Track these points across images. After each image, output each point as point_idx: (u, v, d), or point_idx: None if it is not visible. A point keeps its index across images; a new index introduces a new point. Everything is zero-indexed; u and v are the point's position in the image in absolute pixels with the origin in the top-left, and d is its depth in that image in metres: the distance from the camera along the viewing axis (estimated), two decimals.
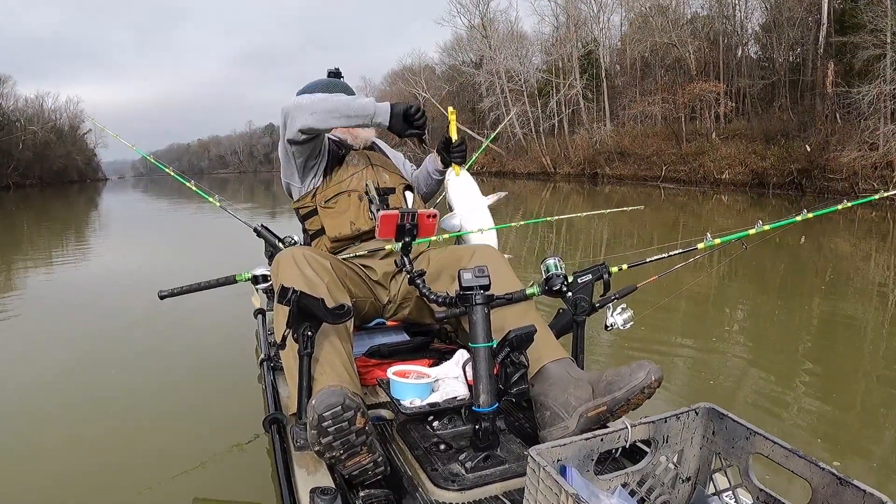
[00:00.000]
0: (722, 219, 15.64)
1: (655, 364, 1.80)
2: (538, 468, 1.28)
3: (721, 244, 2.75)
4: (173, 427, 3.51)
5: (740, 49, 31.22)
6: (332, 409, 1.59)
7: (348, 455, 1.66)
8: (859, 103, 19.40)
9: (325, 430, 1.60)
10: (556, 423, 1.89)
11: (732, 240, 2.76)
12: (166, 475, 2.97)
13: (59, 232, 16.50)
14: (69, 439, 3.41)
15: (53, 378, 4.39)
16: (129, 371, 4.47)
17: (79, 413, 3.80)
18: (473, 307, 1.81)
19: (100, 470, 3.08)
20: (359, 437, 1.64)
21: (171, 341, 5.15)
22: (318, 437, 1.61)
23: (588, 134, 35.21)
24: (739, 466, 1.45)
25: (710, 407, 1.51)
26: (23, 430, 3.59)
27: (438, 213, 2.15)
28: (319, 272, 2.14)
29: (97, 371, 4.54)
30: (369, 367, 2.49)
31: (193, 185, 4.19)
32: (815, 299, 6.67)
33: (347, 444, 1.64)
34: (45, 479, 3.00)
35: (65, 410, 3.84)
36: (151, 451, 3.22)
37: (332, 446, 1.62)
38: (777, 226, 2.77)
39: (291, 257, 2.17)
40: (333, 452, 1.63)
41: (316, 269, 2.14)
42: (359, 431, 1.64)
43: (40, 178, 55.97)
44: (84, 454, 3.25)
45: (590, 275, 2.43)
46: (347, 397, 1.61)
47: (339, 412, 1.60)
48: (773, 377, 4.24)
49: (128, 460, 3.14)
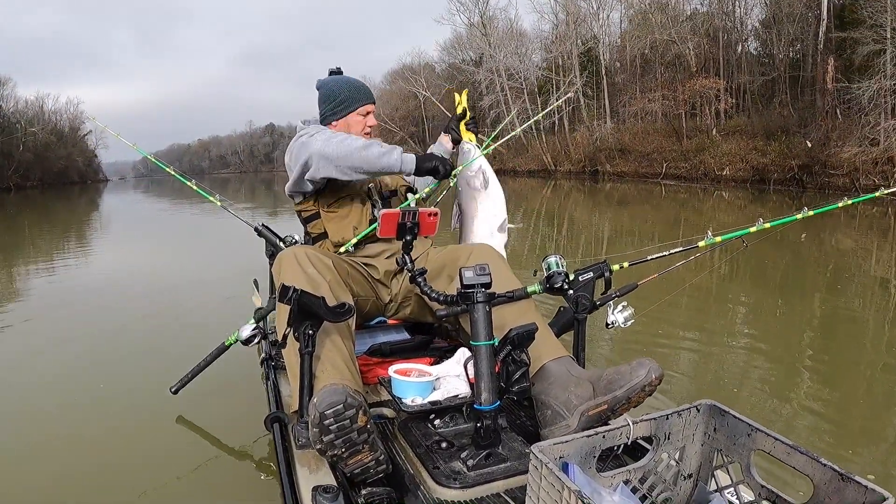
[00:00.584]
0: (723, 215, 15.63)
1: (656, 362, 1.80)
2: (540, 465, 1.28)
3: (722, 242, 2.75)
4: (175, 427, 3.50)
5: (740, 45, 31.19)
6: (334, 407, 1.59)
7: (350, 453, 1.66)
8: (859, 99, 19.38)
9: (327, 428, 1.60)
10: (558, 422, 1.89)
11: (733, 237, 2.77)
12: (167, 475, 2.97)
13: (60, 234, 16.48)
14: (69, 439, 3.41)
15: (54, 378, 4.40)
16: (129, 371, 4.47)
17: (79, 413, 3.80)
18: (475, 305, 1.81)
19: (100, 470, 3.08)
20: (361, 436, 1.65)
21: (171, 341, 5.15)
22: (319, 436, 1.61)
23: (589, 131, 35.18)
24: (741, 463, 1.44)
25: (711, 404, 1.51)
26: (23, 430, 3.59)
27: (440, 211, 2.15)
28: (321, 270, 2.15)
29: (97, 371, 4.54)
30: (371, 365, 2.49)
31: (194, 185, 4.18)
32: (817, 294, 6.67)
33: (349, 443, 1.64)
34: (45, 478, 3.00)
35: (65, 410, 3.84)
36: (152, 451, 3.23)
37: (334, 444, 1.62)
38: (778, 223, 2.79)
39: (294, 256, 2.17)
40: (335, 451, 1.64)
41: (318, 268, 2.15)
42: (360, 430, 1.64)
43: (41, 180, 55.91)
44: (84, 454, 3.25)
45: (591, 273, 2.43)
46: (349, 395, 1.61)
47: (340, 410, 1.60)
48: (776, 371, 4.24)
49: (128, 460, 3.14)
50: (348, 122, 2.75)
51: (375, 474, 1.74)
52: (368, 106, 2.78)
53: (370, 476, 1.74)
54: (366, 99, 2.78)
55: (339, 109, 2.75)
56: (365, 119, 2.78)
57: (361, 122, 2.77)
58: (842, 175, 19.04)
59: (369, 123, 2.79)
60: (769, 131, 24.65)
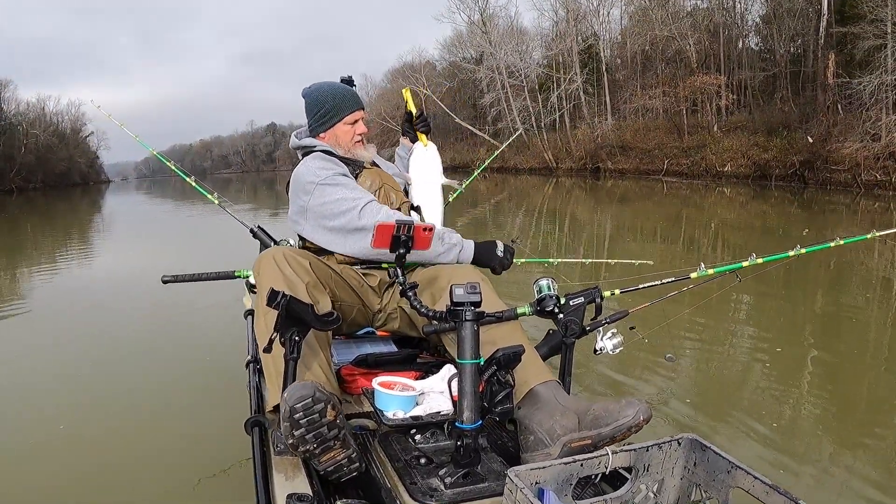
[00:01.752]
0: (725, 211, 15.64)
1: (645, 403, 1.78)
2: (515, 489, 1.28)
3: (715, 275, 2.75)
4: (166, 429, 3.53)
5: (741, 41, 31.17)
6: (303, 400, 1.62)
7: (322, 449, 1.68)
8: (861, 94, 19.36)
9: (297, 422, 1.62)
10: (539, 449, 1.86)
11: (726, 271, 2.77)
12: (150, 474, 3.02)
13: (61, 236, 16.55)
14: (69, 439, 3.44)
15: (53, 378, 4.45)
16: (128, 371, 4.51)
17: (79, 413, 3.83)
18: (463, 323, 1.78)
19: (99, 470, 3.11)
20: (331, 431, 1.67)
21: (169, 343, 5.22)
22: (290, 430, 1.63)
23: (590, 128, 35.19)
24: (719, 499, 1.43)
25: (692, 438, 1.50)
26: (24, 429, 3.62)
27: (435, 226, 2.12)
28: (298, 272, 2.13)
29: (97, 371, 4.58)
30: (355, 375, 2.45)
31: (193, 181, 4.17)
32: (819, 290, 6.64)
33: (320, 438, 1.66)
34: (44, 478, 3.03)
35: (64, 410, 3.87)
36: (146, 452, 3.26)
37: (305, 439, 1.65)
38: (771, 259, 2.82)
39: (272, 257, 2.15)
40: (307, 446, 1.66)
41: (295, 269, 2.13)
42: (330, 424, 1.66)
43: (43, 182, 56.07)
44: (84, 454, 3.29)
45: (582, 297, 2.40)
46: (318, 390, 1.64)
47: (309, 404, 1.62)
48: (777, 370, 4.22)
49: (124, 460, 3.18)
50: (336, 133, 2.66)
51: (349, 472, 1.76)
52: (356, 113, 2.68)
53: (344, 475, 1.75)
54: (351, 107, 2.67)
55: (325, 121, 2.66)
56: (353, 127, 2.67)
57: (349, 131, 2.67)
58: (843, 171, 19.02)
59: (358, 131, 2.68)
60: (770, 127, 24.65)
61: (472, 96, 46.59)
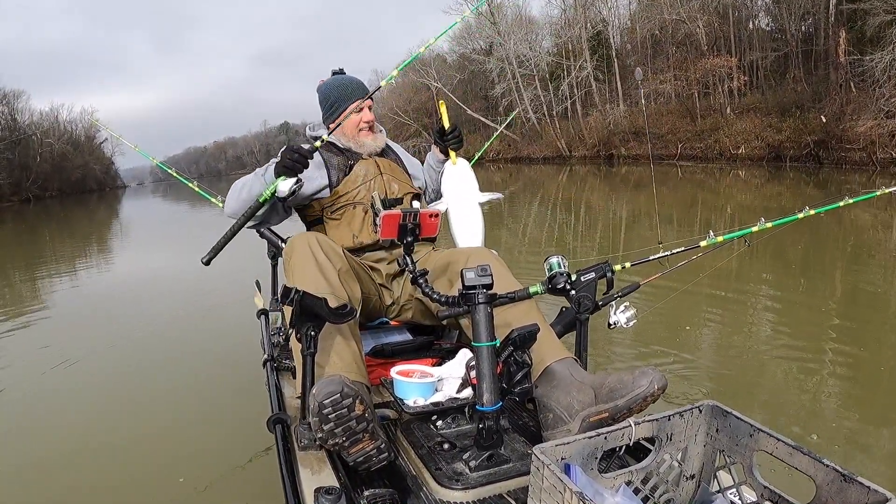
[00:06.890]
0: (740, 194, 15.52)
1: (659, 371, 1.78)
2: (542, 466, 1.28)
3: (724, 242, 2.73)
4: (185, 430, 3.58)
5: (751, 21, 30.87)
6: (332, 396, 1.64)
7: (351, 442, 1.70)
8: (873, 71, 19.13)
9: (326, 417, 1.64)
10: (559, 426, 1.87)
11: (735, 237, 2.76)
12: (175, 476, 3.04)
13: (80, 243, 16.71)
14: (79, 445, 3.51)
15: (78, 385, 4.50)
16: (144, 376, 4.58)
17: (92, 419, 3.90)
18: (476, 306, 1.79)
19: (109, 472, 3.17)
20: (360, 424, 1.68)
21: (185, 344, 5.29)
22: (320, 425, 1.65)
23: (602, 115, 35.02)
24: (743, 464, 1.42)
25: (713, 404, 1.49)
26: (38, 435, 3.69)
27: (441, 212, 2.13)
28: (332, 257, 2.15)
29: (112, 378, 4.64)
30: (373, 366, 2.47)
31: (196, 186, 4.36)
32: (838, 272, 6.59)
33: (349, 431, 1.68)
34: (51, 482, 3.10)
35: (79, 417, 3.94)
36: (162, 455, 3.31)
37: (335, 433, 1.66)
38: (780, 223, 2.81)
39: (306, 241, 2.16)
40: (336, 440, 1.68)
41: (328, 255, 2.14)
42: (359, 418, 1.68)
43: (59, 190, 56.55)
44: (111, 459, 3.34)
45: (593, 273, 2.40)
46: (346, 385, 1.65)
47: (338, 399, 1.64)
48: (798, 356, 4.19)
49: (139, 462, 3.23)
50: (342, 122, 2.72)
51: (378, 462, 1.77)
52: (360, 101, 2.74)
53: (373, 465, 1.76)
54: (354, 96, 2.75)
55: (332, 111, 2.77)
56: (359, 115, 2.75)
57: (355, 119, 2.74)
58: (858, 149, 18.83)
59: (364, 119, 2.75)
60: (783, 107, 24.43)
61: (483, 87, 46.42)
